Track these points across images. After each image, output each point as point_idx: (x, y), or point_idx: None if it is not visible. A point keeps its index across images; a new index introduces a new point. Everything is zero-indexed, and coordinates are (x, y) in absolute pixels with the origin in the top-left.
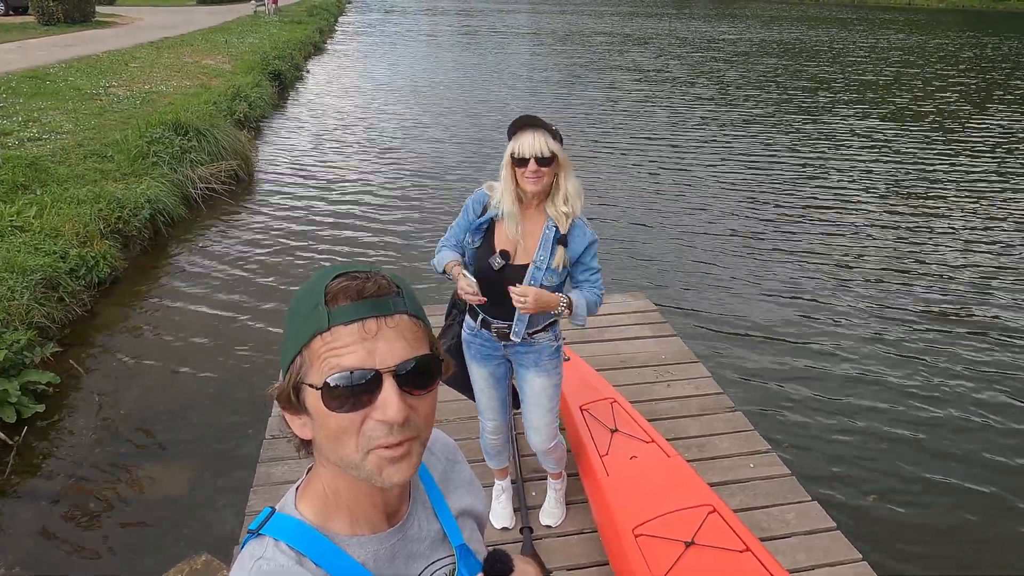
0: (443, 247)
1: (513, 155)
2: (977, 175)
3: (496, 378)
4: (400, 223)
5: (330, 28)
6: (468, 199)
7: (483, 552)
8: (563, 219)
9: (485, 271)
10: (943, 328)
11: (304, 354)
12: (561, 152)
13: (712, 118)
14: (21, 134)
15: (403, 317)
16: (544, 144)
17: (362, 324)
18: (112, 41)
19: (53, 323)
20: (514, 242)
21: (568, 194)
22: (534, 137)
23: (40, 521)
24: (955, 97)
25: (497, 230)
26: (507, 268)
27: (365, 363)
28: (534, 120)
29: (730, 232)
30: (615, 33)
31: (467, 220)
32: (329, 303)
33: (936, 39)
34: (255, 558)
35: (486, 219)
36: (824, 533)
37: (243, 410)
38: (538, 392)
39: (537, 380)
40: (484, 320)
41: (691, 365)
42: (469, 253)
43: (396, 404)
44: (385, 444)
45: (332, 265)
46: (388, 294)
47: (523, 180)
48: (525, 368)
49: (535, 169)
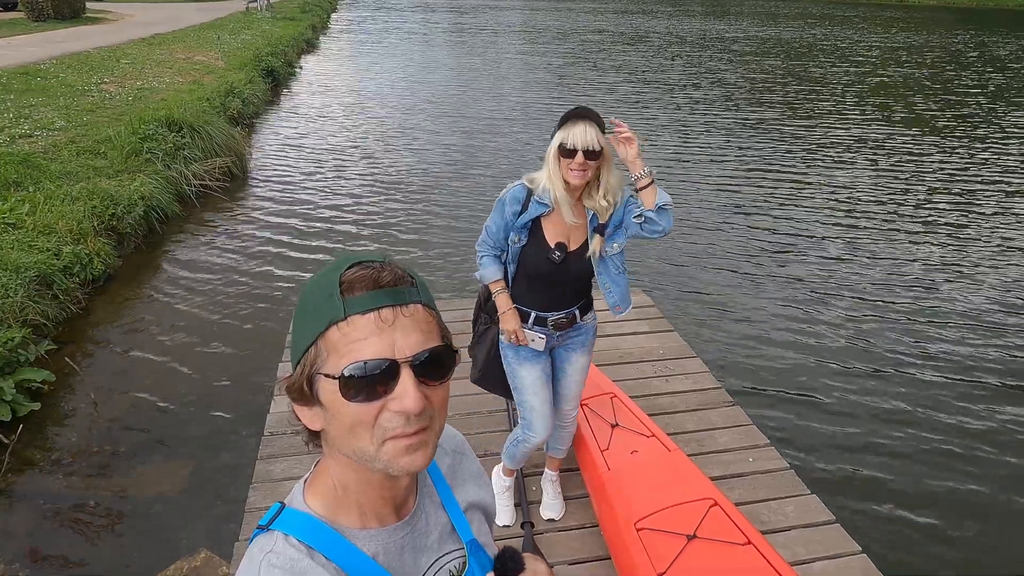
0: (484, 255)
1: (563, 145)
2: (993, 175)
3: (547, 376)
4: (394, 218)
5: (323, 24)
6: (502, 195)
7: (492, 545)
8: (603, 212)
9: (541, 266)
10: (943, 323)
11: (319, 344)
12: (608, 147)
13: (710, 115)
14: (12, 131)
15: (418, 307)
16: (595, 137)
17: (379, 313)
18: (103, 37)
19: (48, 321)
20: (566, 231)
21: (610, 187)
22: (585, 129)
23: (37, 519)
24: (966, 97)
25: (545, 224)
26: (567, 259)
27: (383, 353)
28: (587, 112)
29: (727, 227)
30: (610, 31)
31: (504, 218)
32: (345, 292)
33: (937, 37)
34: (265, 551)
35: (530, 216)
36: (824, 526)
37: (240, 406)
38: (580, 369)
39: (582, 359)
40: (538, 318)
41: (689, 360)
42: (514, 251)
43: (413, 394)
44: (401, 433)
45: (344, 255)
46: (403, 284)
47: (567, 171)
48: (572, 350)
49: (582, 162)
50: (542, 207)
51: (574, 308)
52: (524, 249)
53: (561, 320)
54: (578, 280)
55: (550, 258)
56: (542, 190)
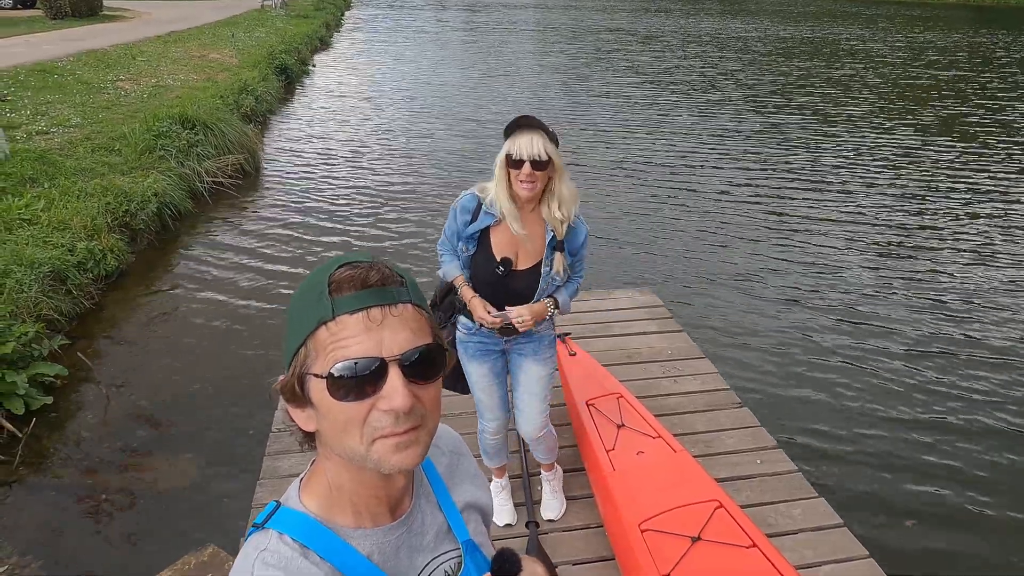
0: (444, 254)
1: (509, 156)
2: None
3: (495, 374)
4: (405, 216)
5: (336, 22)
6: (454, 203)
7: (488, 545)
8: (559, 225)
9: (485, 276)
10: (954, 326)
11: (309, 344)
12: (557, 156)
13: (722, 115)
14: (29, 127)
15: (407, 307)
16: (542, 147)
17: (367, 313)
18: (119, 35)
19: (61, 316)
20: (515, 244)
21: (562, 198)
22: (531, 139)
23: (48, 511)
24: (1001, 101)
25: (493, 235)
26: (510, 275)
27: (371, 352)
28: (532, 121)
29: (737, 228)
30: (624, 30)
31: (455, 226)
32: (333, 292)
33: (962, 36)
34: (259, 550)
35: (478, 228)
36: (831, 530)
37: (249, 403)
38: (533, 380)
39: (534, 368)
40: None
41: (697, 361)
42: (463, 259)
43: (402, 392)
44: (391, 432)
45: (335, 257)
46: (392, 283)
47: (516, 184)
48: (523, 357)
49: (529, 172)
50: (490, 218)
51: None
52: (472, 258)
53: (508, 326)
54: (518, 295)
55: (495, 271)
56: (490, 201)
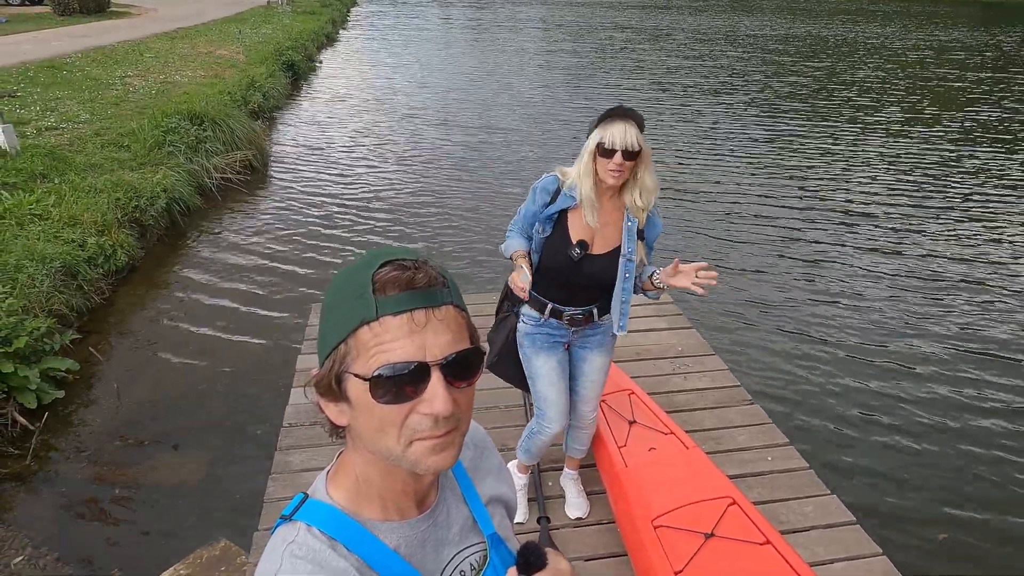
0: (511, 232)
1: (601, 144)
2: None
3: (563, 367)
4: (414, 212)
5: (343, 19)
6: (536, 184)
7: (513, 539)
8: (640, 214)
9: (559, 260)
10: (968, 324)
11: (349, 342)
12: (647, 146)
13: (732, 112)
14: (39, 123)
15: (449, 308)
16: (634, 137)
17: (411, 315)
18: (127, 32)
19: (72, 311)
20: (591, 231)
21: (645, 187)
22: (625, 128)
23: (60, 505)
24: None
25: (571, 219)
26: (585, 259)
27: (414, 356)
28: (628, 111)
29: (747, 223)
30: (632, 27)
31: (535, 207)
32: (377, 292)
33: (980, 34)
34: (287, 542)
35: (557, 208)
36: (844, 527)
37: (260, 397)
38: (598, 369)
39: (599, 359)
40: (554, 310)
41: (707, 357)
42: (537, 241)
43: (443, 397)
44: (429, 435)
45: (376, 250)
46: (437, 285)
47: (604, 172)
48: (589, 349)
49: (620, 162)
50: (569, 200)
51: (592, 306)
52: (547, 240)
53: (577, 316)
54: (591, 280)
55: (569, 254)
56: (571, 185)
